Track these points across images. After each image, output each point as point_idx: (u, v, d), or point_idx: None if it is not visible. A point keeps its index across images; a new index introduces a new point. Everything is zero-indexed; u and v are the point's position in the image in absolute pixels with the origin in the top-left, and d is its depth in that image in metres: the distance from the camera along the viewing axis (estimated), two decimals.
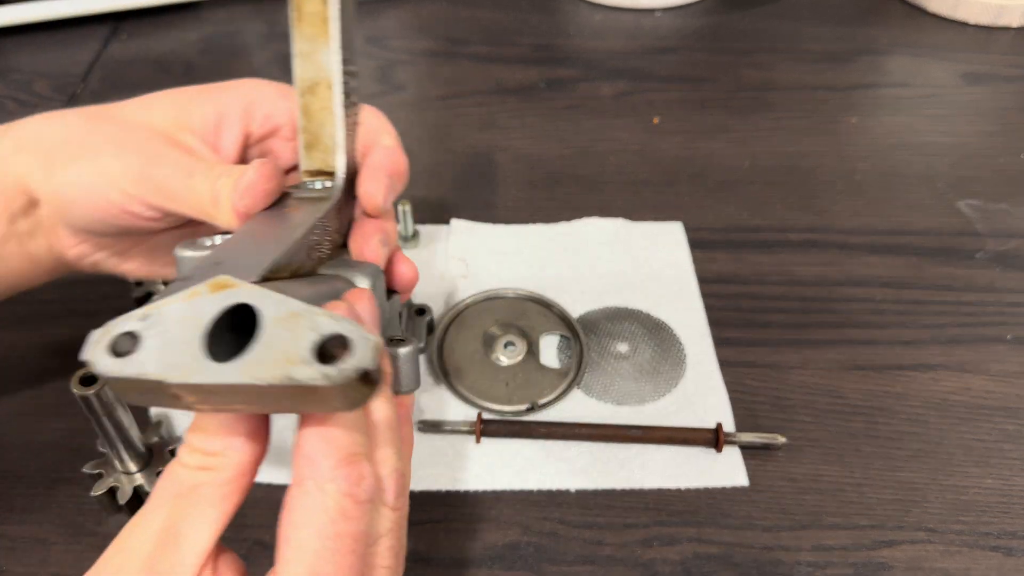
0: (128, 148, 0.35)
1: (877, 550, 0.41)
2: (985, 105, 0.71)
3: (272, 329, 0.21)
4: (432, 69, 0.76)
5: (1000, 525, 0.42)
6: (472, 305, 0.52)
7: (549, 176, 0.63)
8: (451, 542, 0.41)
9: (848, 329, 0.52)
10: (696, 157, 0.65)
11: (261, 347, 0.21)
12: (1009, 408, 0.47)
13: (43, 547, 0.41)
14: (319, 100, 0.33)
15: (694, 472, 0.44)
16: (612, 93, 0.72)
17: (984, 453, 0.45)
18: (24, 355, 0.50)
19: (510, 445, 0.45)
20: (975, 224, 0.59)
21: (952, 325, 0.52)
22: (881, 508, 0.42)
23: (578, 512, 0.42)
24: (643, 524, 0.42)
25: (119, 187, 0.35)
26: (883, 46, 0.79)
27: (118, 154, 0.35)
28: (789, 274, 0.55)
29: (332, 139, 0.33)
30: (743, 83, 0.74)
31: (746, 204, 0.61)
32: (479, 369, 0.49)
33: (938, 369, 0.49)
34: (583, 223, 0.58)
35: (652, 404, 0.47)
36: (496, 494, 0.43)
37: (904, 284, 0.55)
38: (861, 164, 0.65)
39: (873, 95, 0.72)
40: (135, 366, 0.21)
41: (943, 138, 0.67)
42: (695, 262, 0.56)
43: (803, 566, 0.40)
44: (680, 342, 0.50)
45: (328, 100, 0.32)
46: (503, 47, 0.79)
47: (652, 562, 0.40)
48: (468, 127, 0.68)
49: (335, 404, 0.22)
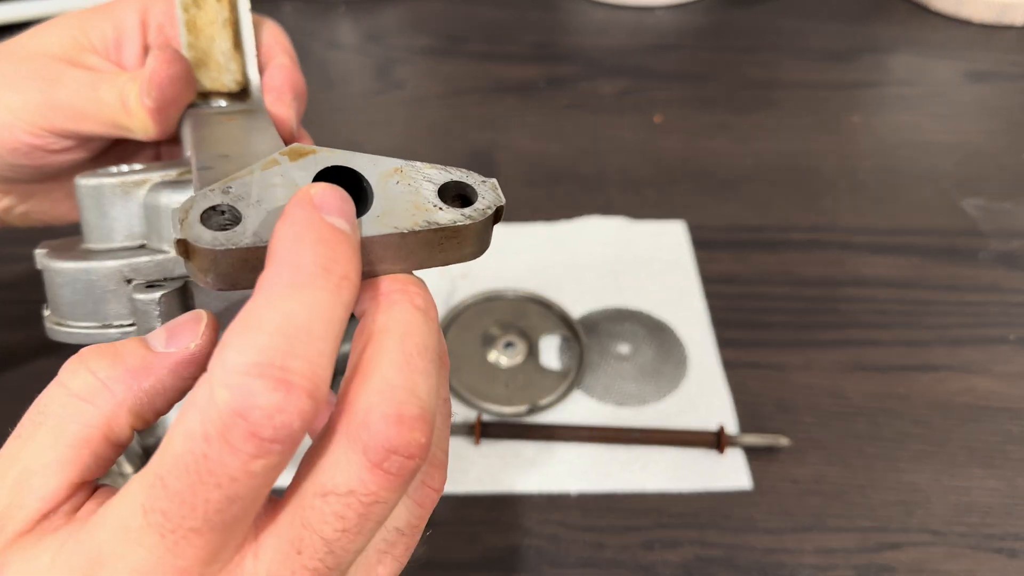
0: (27, 80, 0.34)
1: (881, 552, 0.40)
2: (989, 104, 0.71)
3: (385, 184, 0.21)
4: (431, 67, 0.76)
5: (1004, 527, 0.41)
6: (472, 306, 0.52)
7: (549, 175, 0.63)
8: (451, 545, 0.41)
9: (851, 329, 0.51)
10: (698, 156, 0.65)
11: (383, 200, 0.21)
12: (1013, 409, 0.47)
13: None
14: (206, 14, 0.31)
15: (696, 474, 0.43)
16: (613, 91, 0.72)
17: (988, 454, 0.44)
18: (24, 355, 0.50)
19: (510, 447, 0.45)
20: (979, 224, 0.59)
21: (956, 326, 0.51)
22: (884, 510, 0.42)
23: (579, 515, 0.42)
24: (644, 527, 0.42)
25: (26, 121, 0.33)
26: (886, 44, 0.78)
27: (18, 87, 0.33)
28: (792, 274, 0.55)
29: (227, 55, 0.31)
30: (745, 81, 0.73)
31: (748, 203, 0.60)
32: (479, 370, 0.49)
33: (942, 370, 0.49)
34: (584, 222, 0.58)
35: (654, 406, 0.47)
36: (496, 497, 0.43)
37: (908, 284, 0.54)
38: (864, 163, 0.64)
39: (876, 93, 0.72)
40: (248, 237, 0.20)
41: (946, 137, 0.67)
42: (697, 262, 0.55)
43: (806, 569, 0.40)
44: (682, 343, 0.50)
45: (216, 13, 0.31)
46: (503, 45, 0.78)
47: (653, 565, 0.40)
48: (468, 126, 0.68)
49: (468, 250, 0.22)
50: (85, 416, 0.21)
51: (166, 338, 0.21)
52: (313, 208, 0.19)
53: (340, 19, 0.81)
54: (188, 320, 0.22)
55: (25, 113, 0.33)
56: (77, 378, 0.21)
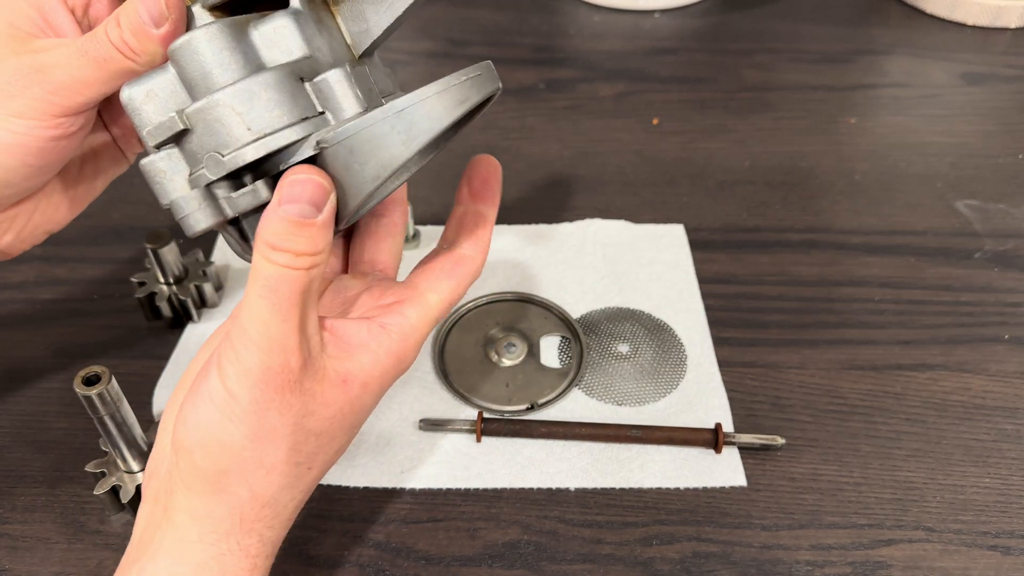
0: (13, 82, 0.33)
1: (875, 549, 0.41)
2: (984, 105, 0.71)
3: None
4: (433, 70, 0.76)
5: (998, 524, 0.42)
6: (473, 309, 0.53)
7: (549, 177, 0.64)
8: (451, 540, 0.41)
9: (847, 329, 0.52)
10: (695, 158, 0.66)
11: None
12: (1007, 408, 0.47)
13: (45, 546, 0.41)
14: None
15: (693, 473, 0.44)
16: (612, 94, 0.73)
17: (982, 452, 0.45)
18: (25, 355, 0.50)
19: (511, 444, 0.45)
20: (974, 224, 0.59)
21: (951, 325, 0.52)
22: (880, 507, 0.43)
23: (578, 511, 0.43)
24: (642, 523, 0.42)
25: (39, 119, 0.33)
26: (882, 47, 0.79)
27: (10, 93, 0.33)
28: (788, 274, 0.56)
29: None
30: (742, 84, 0.74)
31: (745, 204, 0.61)
32: (480, 370, 0.49)
33: (937, 369, 0.49)
34: (585, 224, 0.58)
35: (652, 405, 0.47)
36: (496, 492, 0.43)
37: (903, 284, 0.55)
38: (860, 164, 0.65)
39: (872, 95, 0.73)
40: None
41: (942, 138, 0.67)
42: (694, 263, 0.56)
43: (802, 565, 0.40)
44: (681, 343, 0.51)
45: None
46: (503, 48, 0.79)
47: (651, 561, 0.41)
48: (468, 128, 0.68)
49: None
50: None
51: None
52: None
53: None
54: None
55: (34, 112, 0.33)
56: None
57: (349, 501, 0.43)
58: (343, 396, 0.32)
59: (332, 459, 0.34)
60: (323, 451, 0.33)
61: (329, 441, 0.33)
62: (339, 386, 0.32)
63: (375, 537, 0.42)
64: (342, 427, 0.33)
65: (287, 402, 0.30)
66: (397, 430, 0.46)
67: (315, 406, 0.31)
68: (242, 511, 0.31)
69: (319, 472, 0.33)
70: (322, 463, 0.33)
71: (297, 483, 0.32)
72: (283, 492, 0.32)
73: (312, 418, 0.31)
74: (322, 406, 0.31)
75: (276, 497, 0.32)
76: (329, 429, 0.32)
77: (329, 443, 0.33)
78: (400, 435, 0.46)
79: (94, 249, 0.57)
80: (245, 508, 0.31)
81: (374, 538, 0.42)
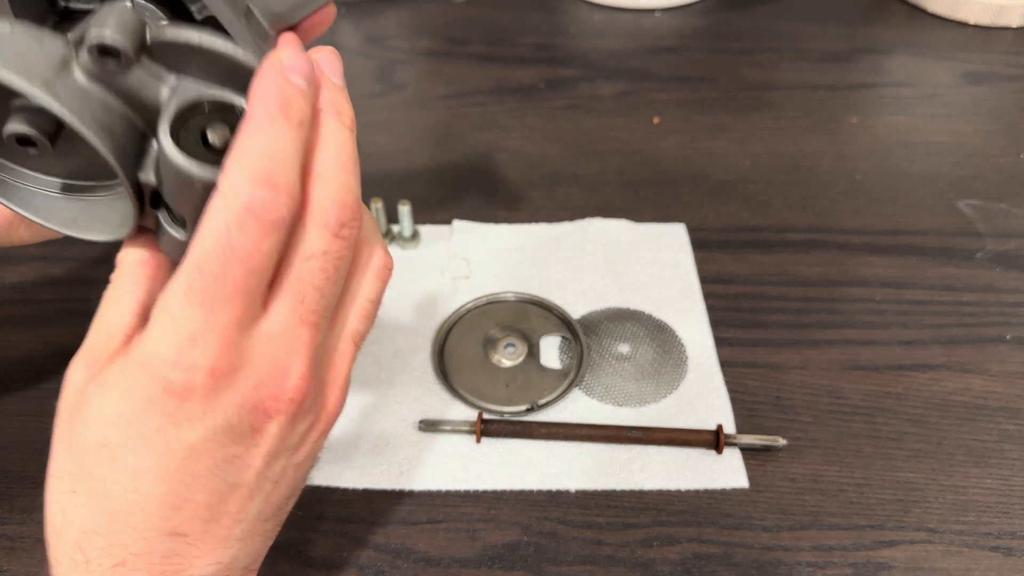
0: None
1: (877, 550, 0.41)
2: (985, 105, 0.71)
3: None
4: (432, 69, 0.76)
5: (1000, 525, 0.42)
6: (473, 310, 0.53)
7: (549, 176, 0.63)
8: (451, 541, 0.41)
9: (848, 329, 0.52)
10: (696, 157, 0.65)
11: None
12: (1009, 408, 0.47)
13: (44, 547, 0.41)
14: None
15: (694, 474, 0.44)
16: (612, 93, 0.72)
17: (984, 453, 0.45)
18: (24, 355, 0.50)
19: (510, 445, 0.45)
20: (975, 224, 0.59)
21: (952, 325, 0.52)
22: (881, 508, 0.42)
23: (578, 512, 0.42)
24: (643, 524, 0.42)
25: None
26: (884, 46, 0.79)
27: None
28: (789, 274, 0.55)
29: None
30: (743, 83, 0.74)
31: (746, 204, 0.61)
32: (479, 371, 0.49)
33: (938, 369, 0.49)
34: (585, 223, 0.58)
35: (653, 405, 0.47)
36: (496, 494, 0.43)
37: (904, 284, 0.55)
38: (861, 164, 0.65)
39: (874, 95, 0.72)
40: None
41: (943, 138, 0.67)
42: (695, 262, 0.56)
43: (803, 566, 0.40)
44: (682, 344, 0.50)
45: None
46: (503, 47, 0.79)
47: (652, 562, 0.40)
48: (468, 127, 0.68)
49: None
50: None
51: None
52: (281, 70, 0.26)
53: (341, 21, 0.81)
54: None
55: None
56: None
57: (348, 502, 0.43)
58: None
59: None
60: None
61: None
62: None
63: (374, 538, 0.42)
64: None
65: None
66: (396, 431, 0.46)
67: None
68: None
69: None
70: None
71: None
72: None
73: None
74: None
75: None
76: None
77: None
78: (399, 436, 0.46)
79: (93, 249, 0.57)
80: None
81: (373, 539, 0.41)
